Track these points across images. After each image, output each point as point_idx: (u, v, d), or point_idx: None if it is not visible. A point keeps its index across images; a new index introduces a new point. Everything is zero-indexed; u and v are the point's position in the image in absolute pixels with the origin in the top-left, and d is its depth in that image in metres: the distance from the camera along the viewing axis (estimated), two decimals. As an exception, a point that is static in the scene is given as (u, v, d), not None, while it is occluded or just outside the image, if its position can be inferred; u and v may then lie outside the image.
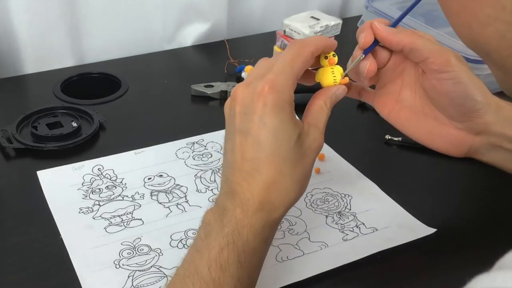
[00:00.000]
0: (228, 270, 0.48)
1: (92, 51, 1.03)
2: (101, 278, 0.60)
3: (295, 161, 0.51)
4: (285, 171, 0.50)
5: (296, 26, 0.98)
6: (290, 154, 0.50)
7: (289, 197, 0.51)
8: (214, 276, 0.48)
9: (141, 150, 0.79)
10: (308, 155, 0.52)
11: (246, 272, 0.49)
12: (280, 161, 0.50)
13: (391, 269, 0.63)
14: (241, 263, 0.49)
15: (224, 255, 0.48)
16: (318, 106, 0.54)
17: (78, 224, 0.66)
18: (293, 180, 0.51)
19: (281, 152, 0.50)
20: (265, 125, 0.50)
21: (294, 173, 0.51)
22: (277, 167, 0.50)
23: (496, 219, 0.70)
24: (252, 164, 0.50)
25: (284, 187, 0.51)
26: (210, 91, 0.92)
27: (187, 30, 1.09)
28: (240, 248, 0.49)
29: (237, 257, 0.49)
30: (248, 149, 0.51)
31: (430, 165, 0.79)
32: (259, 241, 0.50)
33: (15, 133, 0.79)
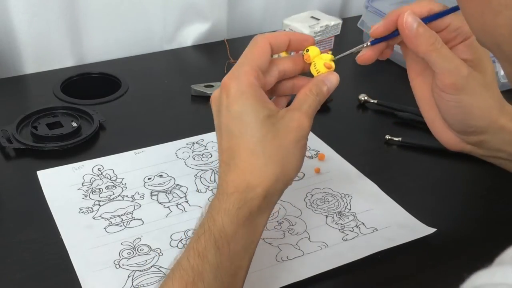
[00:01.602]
0: (205, 256, 0.48)
1: (92, 51, 1.03)
2: (101, 278, 0.60)
3: (266, 140, 0.50)
4: (257, 150, 0.50)
5: (296, 26, 0.98)
6: (260, 133, 0.50)
7: (266, 175, 0.50)
8: (192, 264, 0.48)
9: (141, 150, 0.79)
10: (283, 133, 0.51)
11: (226, 258, 0.49)
12: (250, 142, 0.50)
13: (391, 269, 0.63)
14: (219, 249, 0.49)
15: (202, 242, 0.49)
16: (302, 93, 0.54)
17: (78, 224, 0.66)
18: (267, 157, 0.50)
19: (249, 133, 0.51)
20: (231, 112, 0.51)
21: (267, 151, 0.50)
22: (247, 148, 0.50)
23: (496, 219, 0.70)
24: (228, 154, 0.52)
25: (257, 166, 0.50)
26: (210, 91, 0.92)
27: (187, 30, 1.09)
28: (217, 234, 0.49)
29: (214, 243, 0.49)
30: (224, 141, 0.52)
31: (430, 165, 0.79)
32: (237, 225, 0.49)
33: (15, 133, 0.79)
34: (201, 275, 0.48)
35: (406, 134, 0.83)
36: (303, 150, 0.53)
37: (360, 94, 0.91)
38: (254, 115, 0.51)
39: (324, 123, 0.85)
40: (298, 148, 0.52)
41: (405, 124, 0.87)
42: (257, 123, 0.51)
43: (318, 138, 0.82)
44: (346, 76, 0.58)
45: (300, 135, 0.52)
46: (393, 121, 0.88)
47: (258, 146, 0.50)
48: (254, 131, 0.51)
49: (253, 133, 0.51)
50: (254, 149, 0.50)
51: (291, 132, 0.51)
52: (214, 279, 0.48)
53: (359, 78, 1.00)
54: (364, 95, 0.91)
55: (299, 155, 0.52)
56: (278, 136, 0.51)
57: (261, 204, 0.50)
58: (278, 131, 0.51)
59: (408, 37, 0.56)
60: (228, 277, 0.49)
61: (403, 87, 0.61)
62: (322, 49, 1.00)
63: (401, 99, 0.89)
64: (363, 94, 0.91)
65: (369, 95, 0.91)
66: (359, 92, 0.91)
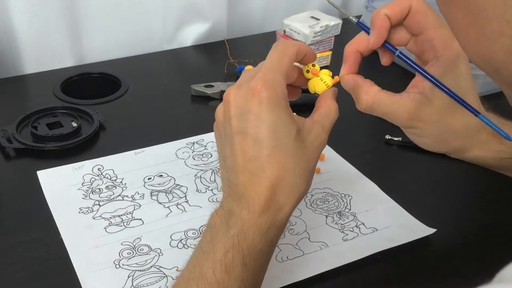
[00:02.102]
0: (233, 272, 0.48)
1: (92, 51, 1.03)
2: (101, 278, 0.60)
3: (297, 156, 0.50)
4: (289, 167, 0.50)
5: (296, 26, 0.98)
6: (292, 149, 0.50)
7: (295, 193, 0.50)
8: (218, 278, 0.47)
9: (141, 150, 0.79)
10: (311, 150, 0.52)
11: (250, 274, 0.49)
12: (282, 156, 0.49)
13: (391, 269, 0.63)
14: (246, 265, 0.48)
15: (229, 257, 0.48)
16: (325, 106, 0.55)
17: (78, 224, 0.66)
18: (297, 175, 0.50)
19: (282, 148, 0.49)
20: (263, 122, 0.49)
21: (298, 168, 0.50)
22: (280, 163, 0.49)
23: (496, 219, 0.70)
24: (254, 163, 0.50)
25: (288, 183, 0.50)
26: (210, 91, 0.92)
27: (187, 30, 1.09)
28: (246, 250, 0.48)
29: (242, 259, 0.48)
30: (249, 149, 0.50)
31: (430, 165, 0.79)
32: (265, 242, 0.49)
33: (15, 133, 0.79)
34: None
35: (406, 134, 0.83)
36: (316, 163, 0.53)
37: (360, 94, 0.91)
38: (287, 129, 0.50)
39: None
40: (316, 163, 0.53)
41: (405, 124, 0.87)
42: (290, 138, 0.50)
43: (318, 138, 0.82)
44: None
45: (320, 152, 0.53)
46: (393, 121, 0.88)
47: (290, 163, 0.50)
48: (287, 147, 0.50)
49: (286, 148, 0.50)
50: (285, 165, 0.50)
51: (316, 149, 0.52)
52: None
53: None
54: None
55: (314, 168, 0.53)
56: (306, 153, 0.51)
57: (285, 222, 0.51)
58: (306, 148, 0.51)
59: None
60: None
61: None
62: (322, 49, 1.01)
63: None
64: (363, 94, 0.91)
65: (369, 95, 0.91)
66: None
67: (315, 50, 0.99)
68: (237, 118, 0.50)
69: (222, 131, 0.53)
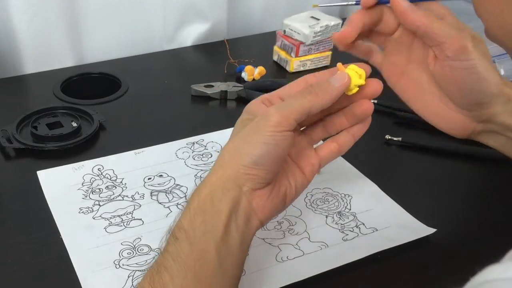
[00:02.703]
0: (166, 250, 0.50)
1: (92, 51, 1.03)
2: (101, 278, 0.60)
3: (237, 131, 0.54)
4: (228, 140, 0.54)
5: (296, 26, 0.98)
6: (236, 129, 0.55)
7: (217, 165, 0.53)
8: (157, 260, 0.51)
9: (141, 150, 0.79)
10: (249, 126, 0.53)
11: (186, 244, 0.49)
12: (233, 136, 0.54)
13: (391, 269, 0.63)
14: (177, 239, 0.50)
15: (165, 241, 0.51)
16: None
17: (78, 224, 0.66)
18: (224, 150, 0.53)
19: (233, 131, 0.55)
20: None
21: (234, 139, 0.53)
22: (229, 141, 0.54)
23: (497, 218, 0.70)
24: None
25: (221, 152, 0.53)
26: (210, 91, 0.92)
27: (187, 30, 1.09)
28: (175, 229, 0.51)
29: (172, 236, 0.51)
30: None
31: (430, 165, 0.79)
32: (190, 216, 0.51)
33: (15, 133, 0.79)
34: (164, 265, 0.49)
35: (406, 134, 0.83)
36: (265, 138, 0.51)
37: (360, 94, 0.91)
38: (238, 120, 0.55)
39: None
40: (255, 137, 0.51)
41: (405, 124, 0.87)
42: (235, 125, 0.55)
43: (318, 138, 0.82)
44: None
45: (260, 125, 0.51)
46: (393, 121, 0.88)
47: (228, 142, 0.54)
48: (232, 133, 0.55)
49: (231, 134, 0.55)
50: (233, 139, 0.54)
51: (252, 124, 0.52)
52: (177, 264, 0.49)
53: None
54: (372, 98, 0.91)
55: (256, 142, 0.51)
56: (242, 129, 0.53)
57: (210, 191, 0.51)
58: (245, 126, 0.53)
59: (403, 12, 0.54)
60: (192, 261, 0.49)
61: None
62: (322, 49, 1.01)
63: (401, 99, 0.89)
64: (363, 94, 0.91)
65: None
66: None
67: (315, 50, 0.99)
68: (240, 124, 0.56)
69: None
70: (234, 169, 0.51)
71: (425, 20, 0.54)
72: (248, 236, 0.52)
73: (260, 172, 0.51)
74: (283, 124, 0.51)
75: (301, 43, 0.98)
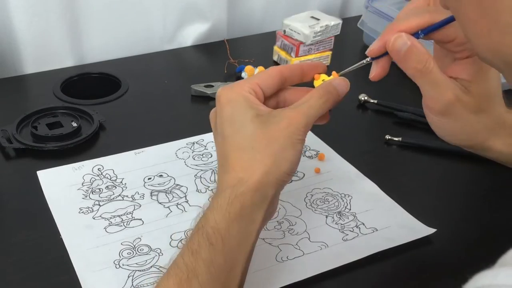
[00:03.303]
0: (199, 253, 0.49)
1: (92, 51, 1.03)
2: (101, 278, 0.60)
3: (256, 135, 0.51)
4: (245, 145, 0.51)
5: (296, 26, 0.98)
6: (248, 130, 0.51)
7: (256, 168, 0.50)
8: (186, 261, 0.49)
9: (141, 150, 0.79)
10: (274, 129, 0.51)
11: (220, 254, 0.49)
12: (240, 139, 0.51)
13: (391, 269, 0.63)
14: (213, 245, 0.49)
15: (195, 240, 0.50)
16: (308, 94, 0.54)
17: (78, 224, 0.66)
18: (256, 151, 0.51)
19: (240, 131, 0.52)
20: (222, 117, 0.53)
21: (256, 146, 0.51)
22: (237, 146, 0.51)
23: (496, 219, 0.70)
24: (222, 156, 0.53)
25: (247, 160, 0.51)
26: (210, 91, 0.92)
27: (187, 30, 1.09)
28: (210, 231, 0.49)
29: (207, 239, 0.49)
30: (219, 146, 0.53)
31: (430, 165, 0.79)
32: (229, 220, 0.49)
33: (15, 133, 0.79)
34: (195, 272, 0.48)
35: (406, 134, 0.83)
36: (296, 146, 0.52)
37: (360, 94, 0.91)
38: (243, 115, 0.52)
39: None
40: (289, 143, 0.51)
41: (405, 124, 0.87)
42: (246, 121, 0.52)
43: (318, 138, 0.82)
44: (345, 76, 0.58)
45: (290, 131, 0.51)
46: (393, 121, 0.88)
47: (248, 142, 0.51)
48: (243, 129, 0.51)
49: (243, 131, 0.52)
50: (244, 146, 0.51)
51: (280, 128, 0.51)
52: (208, 274, 0.48)
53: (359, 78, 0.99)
54: (364, 95, 0.91)
55: (290, 149, 0.51)
56: (268, 132, 0.51)
57: (253, 198, 0.50)
58: (268, 127, 0.51)
59: (396, 60, 0.56)
60: (223, 273, 0.49)
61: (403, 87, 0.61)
62: (322, 49, 1.01)
63: (401, 99, 0.90)
64: (363, 94, 0.91)
65: (369, 95, 0.91)
66: (359, 92, 0.91)
67: (315, 50, 0.99)
68: (213, 126, 0.55)
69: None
70: (277, 177, 0.51)
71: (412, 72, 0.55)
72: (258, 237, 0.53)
73: (291, 177, 0.53)
74: (307, 130, 0.52)
75: (301, 43, 0.98)
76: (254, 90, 0.53)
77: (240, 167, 0.51)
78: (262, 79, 0.55)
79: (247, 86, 0.53)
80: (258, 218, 0.51)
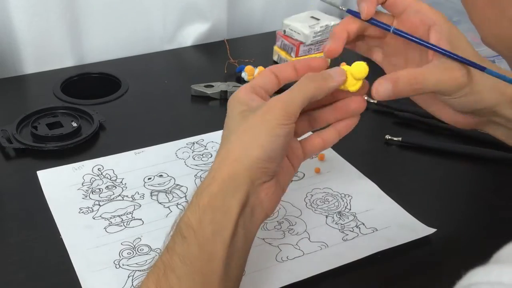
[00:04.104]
0: (173, 249, 0.49)
1: (92, 51, 1.03)
2: (101, 278, 0.60)
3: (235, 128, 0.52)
4: (231, 136, 0.51)
5: (296, 26, 0.98)
6: (236, 123, 0.52)
7: (227, 157, 0.51)
8: (163, 259, 0.49)
9: (141, 150, 0.79)
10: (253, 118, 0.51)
11: (194, 245, 0.48)
12: (228, 131, 0.52)
13: (391, 269, 0.63)
14: (186, 238, 0.49)
15: (170, 239, 0.50)
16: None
17: (78, 224, 0.66)
18: (232, 141, 0.51)
19: (229, 125, 0.53)
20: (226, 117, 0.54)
21: (233, 136, 0.51)
22: (226, 137, 0.52)
23: (496, 218, 0.70)
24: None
25: (223, 151, 0.51)
26: (210, 91, 0.92)
27: (187, 30, 1.09)
28: (183, 225, 0.50)
29: (180, 234, 0.49)
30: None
31: (430, 165, 0.79)
32: (199, 213, 0.49)
33: (15, 133, 0.79)
34: (171, 266, 0.48)
35: (406, 134, 0.83)
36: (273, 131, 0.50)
37: (360, 94, 0.91)
38: (232, 110, 0.53)
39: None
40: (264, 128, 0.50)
41: (405, 124, 0.87)
42: (234, 115, 0.52)
43: (318, 138, 0.82)
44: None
45: (267, 117, 0.50)
46: (393, 121, 0.88)
47: (227, 134, 0.52)
48: (233, 122, 0.52)
49: (232, 123, 0.52)
50: (223, 141, 0.52)
51: (257, 116, 0.51)
52: (185, 267, 0.48)
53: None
54: (364, 95, 0.91)
55: (265, 135, 0.50)
56: (245, 122, 0.51)
57: (221, 187, 0.50)
58: (247, 118, 0.51)
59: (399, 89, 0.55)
60: (200, 264, 0.48)
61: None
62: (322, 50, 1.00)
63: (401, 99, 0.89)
64: (363, 94, 0.91)
65: (369, 95, 0.91)
66: (359, 92, 0.91)
67: (315, 50, 0.99)
68: None
69: None
70: (247, 163, 0.50)
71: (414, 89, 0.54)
72: (252, 232, 0.52)
73: (272, 165, 0.51)
74: (291, 115, 0.51)
75: (301, 43, 0.98)
76: (253, 87, 0.54)
77: (217, 160, 0.52)
78: (257, 79, 0.55)
79: (247, 85, 0.54)
80: (234, 208, 0.50)
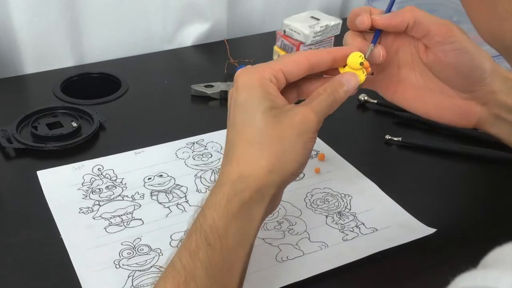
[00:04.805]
0: (197, 254, 0.47)
1: (92, 51, 1.03)
2: (101, 278, 0.60)
3: (265, 130, 0.49)
4: (254, 140, 0.49)
5: (296, 26, 0.98)
6: (260, 123, 0.49)
7: (259, 166, 0.48)
8: (184, 263, 0.47)
9: (141, 150, 0.79)
10: (286, 126, 0.49)
11: (218, 254, 0.47)
12: (248, 131, 0.49)
13: (391, 269, 0.63)
14: (211, 246, 0.47)
15: (193, 240, 0.48)
16: (316, 91, 0.53)
17: (78, 224, 0.66)
18: (264, 148, 0.49)
19: (249, 123, 0.50)
20: (236, 103, 0.51)
21: (264, 141, 0.49)
22: (245, 138, 0.49)
23: (496, 219, 0.70)
24: (228, 145, 0.51)
25: (252, 156, 0.49)
26: (210, 91, 0.92)
27: (187, 30, 1.09)
28: (208, 230, 0.48)
29: (205, 240, 0.47)
30: (228, 133, 0.51)
31: (430, 165, 0.79)
32: (228, 219, 0.48)
33: (15, 133, 0.79)
34: (192, 274, 0.47)
35: (406, 134, 0.83)
36: (307, 145, 0.50)
37: (360, 94, 0.91)
38: (257, 105, 0.49)
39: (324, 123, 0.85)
40: (300, 142, 0.50)
41: (405, 124, 0.87)
42: (258, 113, 0.49)
43: (318, 138, 0.81)
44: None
45: (302, 129, 0.50)
46: (393, 121, 0.88)
47: (256, 136, 0.49)
48: (254, 121, 0.49)
49: (253, 123, 0.49)
50: (252, 139, 0.49)
51: (293, 125, 0.49)
52: (206, 276, 0.47)
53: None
54: (364, 95, 0.91)
55: (300, 149, 0.50)
56: (279, 128, 0.49)
57: (253, 196, 0.48)
58: (279, 123, 0.49)
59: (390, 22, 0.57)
60: (222, 274, 0.48)
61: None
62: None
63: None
64: (363, 94, 0.91)
65: (369, 95, 0.91)
66: (359, 92, 0.91)
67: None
68: (228, 108, 0.53)
69: None
70: (282, 176, 0.49)
71: (410, 14, 0.57)
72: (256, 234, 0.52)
73: (300, 173, 0.52)
74: (319, 127, 0.51)
75: (301, 43, 0.98)
76: (276, 76, 0.51)
77: (244, 161, 0.49)
78: (287, 64, 0.52)
79: (268, 72, 0.51)
80: (257, 216, 0.49)
